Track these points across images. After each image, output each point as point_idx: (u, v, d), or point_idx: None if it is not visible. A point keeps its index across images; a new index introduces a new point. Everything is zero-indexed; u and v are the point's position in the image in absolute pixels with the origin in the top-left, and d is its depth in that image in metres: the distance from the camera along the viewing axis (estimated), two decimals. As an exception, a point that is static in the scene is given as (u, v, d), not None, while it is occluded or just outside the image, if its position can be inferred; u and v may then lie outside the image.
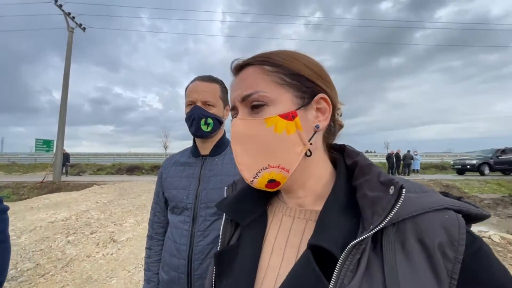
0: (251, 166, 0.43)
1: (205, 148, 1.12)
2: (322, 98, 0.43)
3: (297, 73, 0.42)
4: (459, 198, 0.39)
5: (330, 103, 0.44)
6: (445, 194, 0.39)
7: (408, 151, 16.76)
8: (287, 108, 0.41)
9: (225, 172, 1.07)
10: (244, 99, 0.43)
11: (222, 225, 0.51)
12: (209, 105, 1.05)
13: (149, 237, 1.17)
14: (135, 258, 3.64)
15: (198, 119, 1.03)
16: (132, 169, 18.87)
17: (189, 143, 1.23)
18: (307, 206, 0.46)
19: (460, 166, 15.81)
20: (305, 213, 0.45)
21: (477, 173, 15.07)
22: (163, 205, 1.16)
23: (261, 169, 0.42)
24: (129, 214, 5.96)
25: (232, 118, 0.48)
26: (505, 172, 15.30)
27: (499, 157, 15.18)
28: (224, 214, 0.52)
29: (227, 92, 1.13)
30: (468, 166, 15.37)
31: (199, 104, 1.04)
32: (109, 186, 10.42)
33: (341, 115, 0.50)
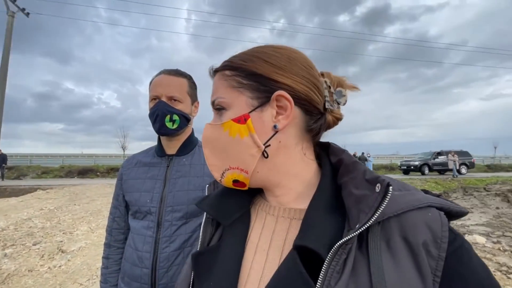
0: (217, 167, 0.45)
1: (171, 147, 1.05)
2: (280, 95, 0.41)
3: (253, 73, 0.42)
4: (438, 196, 0.38)
5: (291, 99, 0.40)
6: (426, 191, 0.39)
7: (362, 153, 18.17)
8: (241, 111, 0.42)
9: (193, 173, 1.01)
10: (212, 105, 0.46)
11: (202, 225, 0.49)
12: (175, 100, 0.98)
13: (107, 245, 1.09)
14: (89, 269, 3.37)
15: (163, 115, 0.96)
16: (85, 172, 17.29)
17: (149, 145, 1.16)
18: (289, 204, 0.45)
19: (405, 167, 17.71)
20: (289, 212, 0.44)
21: (419, 173, 17.03)
22: (124, 209, 1.08)
23: (225, 170, 0.44)
24: (81, 221, 5.47)
25: None
26: (440, 172, 17.51)
27: (436, 159, 17.39)
28: (205, 214, 0.50)
29: (195, 88, 1.08)
30: (412, 167, 17.35)
31: (163, 99, 0.97)
32: (57, 190, 9.41)
33: (344, 104, 0.46)
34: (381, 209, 0.33)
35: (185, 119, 1.02)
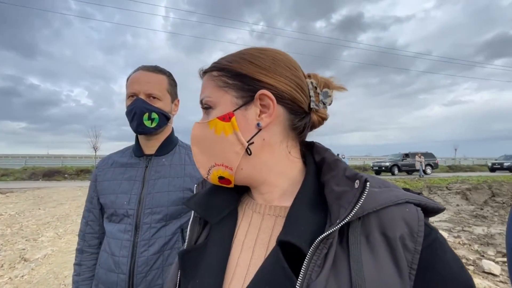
0: (204, 164, 0.47)
1: (150, 146, 1.01)
2: (263, 94, 0.42)
3: (238, 73, 0.43)
4: (418, 194, 0.40)
5: (273, 98, 0.42)
6: (406, 190, 0.41)
7: (338, 154, 18.80)
8: (226, 109, 0.43)
9: (173, 173, 0.98)
10: (200, 104, 0.48)
11: (190, 223, 0.50)
12: (154, 98, 0.95)
13: (80, 251, 1.03)
14: (56, 278, 3.16)
15: (141, 113, 0.92)
16: (51, 174, 16.09)
17: (124, 145, 1.12)
18: (275, 202, 0.46)
19: (377, 168, 18.64)
20: (274, 210, 0.45)
21: (390, 173, 18.00)
22: (98, 212, 1.04)
23: (211, 167, 0.46)
24: (46, 227, 5.11)
25: None
26: (408, 172, 18.65)
27: (404, 160, 18.55)
28: (192, 212, 0.51)
29: (175, 85, 1.06)
30: (383, 168, 18.32)
31: (141, 96, 0.93)
32: (19, 194, 8.69)
33: (330, 104, 0.48)
34: (359, 204, 0.34)
35: (165, 118, 0.99)
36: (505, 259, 3.90)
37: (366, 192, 0.34)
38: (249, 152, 0.43)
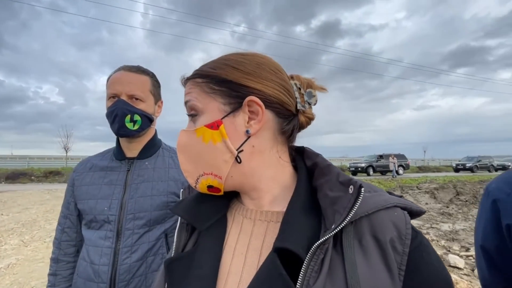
0: (192, 173, 0.45)
1: (132, 149, 0.98)
2: (251, 100, 0.42)
3: (224, 79, 0.42)
4: (400, 197, 0.41)
5: (261, 103, 0.42)
6: (389, 193, 0.41)
7: (317, 155, 19.29)
8: (214, 117, 0.42)
9: (157, 177, 0.95)
10: (186, 109, 0.46)
11: (176, 230, 0.48)
12: (136, 99, 0.92)
13: (55, 260, 0.98)
14: (21, 288, 2.94)
15: (122, 115, 0.89)
16: (16, 176, 14.90)
17: (97, 145, 1.10)
18: (266, 207, 0.45)
19: (353, 169, 19.38)
20: (266, 215, 0.45)
21: (365, 174, 18.79)
22: (75, 219, 0.99)
23: (199, 176, 0.44)
24: (10, 234, 4.73)
25: None
26: (382, 172, 19.59)
27: (378, 161, 19.47)
28: (179, 219, 0.48)
29: (159, 86, 1.03)
30: (359, 168, 19.12)
31: (123, 97, 0.90)
32: (-23, 199, 7.96)
33: (315, 104, 0.48)
34: (354, 209, 0.35)
35: (148, 120, 0.96)
36: (468, 254, 4.22)
37: (360, 198, 0.35)
38: (238, 160, 0.43)
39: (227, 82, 0.42)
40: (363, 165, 19.30)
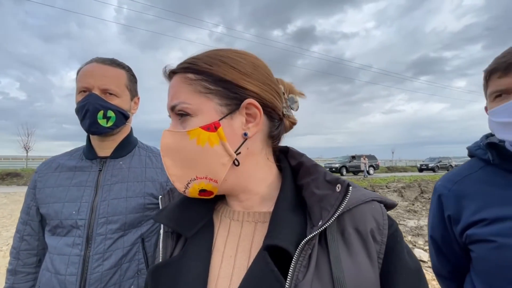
0: (181, 177, 0.42)
1: (105, 148, 0.91)
2: (250, 103, 0.41)
3: (221, 79, 0.41)
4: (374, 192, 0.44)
5: (260, 107, 0.41)
6: (364, 188, 0.44)
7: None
8: (210, 118, 0.40)
9: (132, 177, 0.89)
10: (172, 109, 0.43)
11: (161, 239, 0.46)
12: (110, 94, 0.85)
13: (12, 272, 0.88)
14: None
15: (94, 110, 0.82)
16: (-37, 179, 13.40)
17: (63, 144, 1.01)
18: (254, 208, 0.45)
19: (328, 169, 19.90)
20: (253, 216, 0.44)
21: (339, 174, 19.55)
22: (37, 225, 0.90)
23: (190, 180, 0.42)
24: (-43, 244, 4.23)
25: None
26: (355, 172, 20.50)
27: (351, 162, 20.38)
28: (162, 227, 0.47)
29: (135, 81, 0.96)
30: (334, 169, 19.83)
31: (95, 91, 0.83)
32: None
33: (296, 110, 0.49)
34: (342, 206, 0.37)
35: (123, 116, 0.89)
36: (431, 247, 4.54)
37: (348, 196, 0.37)
38: (236, 163, 0.42)
39: (225, 82, 0.41)
40: (337, 165, 20.12)
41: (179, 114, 0.42)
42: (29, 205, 0.91)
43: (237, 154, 0.42)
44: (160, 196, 0.52)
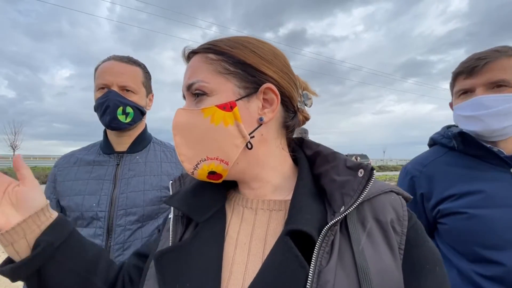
0: (191, 157, 0.41)
1: (122, 143, 0.94)
2: (268, 88, 0.41)
3: (242, 61, 0.40)
4: None
5: (278, 93, 0.41)
6: None
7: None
8: (227, 98, 0.40)
9: (149, 171, 0.93)
10: (188, 88, 0.42)
11: (171, 224, 0.45)
12: (128, 91, 0.89)
13: None
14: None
15: (115, 106, 0.85)
16: None
17: (53, 144, 1.03)
18: (267, 197, 0.44)
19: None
20: (268, 204, 0.44)
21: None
22: None
23: (200, 161, 0.41)
24: None
25: None
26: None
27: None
28: (172, 212, 0.46)
29: (150, 78, 1.00)
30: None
31: (115, 88, 0.87)
32: None
33: (310, 106, 0.50)
34: (366, 190, 0.36)
35: (140, 113, 0.93)
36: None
37: (372, 180, 0.37)
38: (249, 146, 0.41)
39: (244, 64, 0.41)
40: (330, 165, 20.33)
41: (196, 93, 0.41)
42: (49, 198, 0.93)
43: (250, 138, 0.41)
44: (171, 182, 0.51)
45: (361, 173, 0.38)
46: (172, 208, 0.46)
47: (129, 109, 0.88)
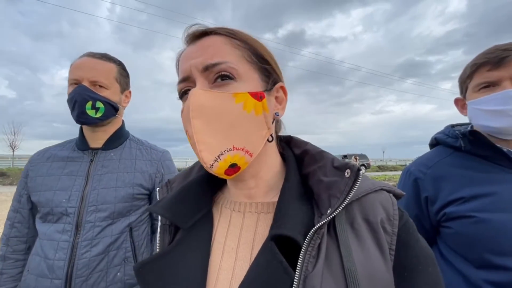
0: (214, 146, 0.37)
1: (97, 139, 0.94)
2: (281, 87, 0.43)
3: (262, 56, 0.41)
4: None
5: (287, 93, 0.44)
6: None
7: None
8: (256, 87, 0.39)
9: (122, 168, 0.92)
10: (207, 69, 0.37)
11: (158, 233, 0.44)
12: (100, 86, 0.88)
13: (1, 258, 0.90)
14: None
15: (83, 101, 0.85)
16: None
17: (52, 144, 1.01)
18: (257, 199, 0.43)
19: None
20: (256, 206, 0.42)
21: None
22: (27, 213, 0.92)
23: (224, 151, 0.37)
24: None
25: (182, 91, 0.41)
26: (347, 172, 20.80)
27: (343, 161, 20.67)
28: (160, 220, 0.45)
29: (127, 76, 0.99)
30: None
31: (85, 83, 0.86)
32: None
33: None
34: (352, 192, 0.34)
35: (112, 108, 0.92)
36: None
37: (359, 181, 0.35)
38: (270, 139, 0.40)
39: (265, 61, 0.42)
40: (329, 164, 20.32)
41: (220, 76, 0.38)
42: (20, 193, 0.93)
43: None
44: (158, 188, 0.50)
45: (347, 173, 0.36)
46: (159, 216, 0.44)
47: (99, 104, 0.87)
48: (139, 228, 0.91)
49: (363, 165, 20.96)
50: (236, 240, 0.41)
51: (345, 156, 21.22)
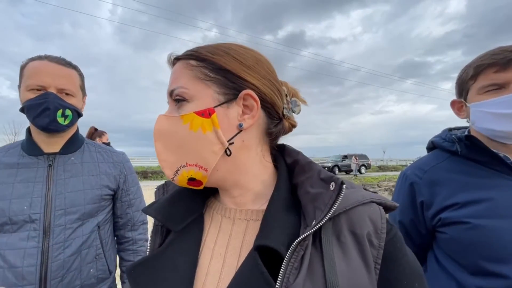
0: (171, 163, 0.41)
1: (53, 144, 0.92)
2: (248, 94, 0.41)
3: (222, 68, 0.41)
4: (375, 193, 0.42)
5: (258, 99, 0.41)
6: (364, 189, 0.43)
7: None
8: (206, 104, 0.40)
9: (86, 171, 0.95)
10: (170, 94, 0.43)
11: (150, 234, 0.46)
12: (66, 94, 0.88)
13: None
14: None
15: (55, 109, 0.84)
16: None
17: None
18: (246, 206, 0.44)
19: (321, 168, 20.23)
20: (246, 213, 0.43)
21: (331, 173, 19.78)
22: None
23: (180, 167, 0.41)
24: None
25: None
26: (346, 172, 20.70)
27: (343, 161, 20.60)
28: (154, 222, 0.46)
29: (84, 80, 1.01)
30: (326, 168, 19.81)
31: (53, 90, 0.85)
32: None
33: (298, 113, 0.49)
34: (335, 206, 0.35)
35: (77, 115, 0.95)
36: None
37: (342, 194, 0.35)
38: (228, 153, 0.41)
39: (225, 71, 0.41)
40: (329, 164, 20.24)
41: (176, 99, 0.42)
42: None
43: (229, 144, 0.41)
44: (155, 189, 0.52)
45: (332, 186, 0.37)
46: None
47: (68, 112, 0.89)
48: (105, 226, 0.98)
49: (363, 165, 20.90)
50: (225, 246, 0.42)
51: (345, 156, 21.13)
